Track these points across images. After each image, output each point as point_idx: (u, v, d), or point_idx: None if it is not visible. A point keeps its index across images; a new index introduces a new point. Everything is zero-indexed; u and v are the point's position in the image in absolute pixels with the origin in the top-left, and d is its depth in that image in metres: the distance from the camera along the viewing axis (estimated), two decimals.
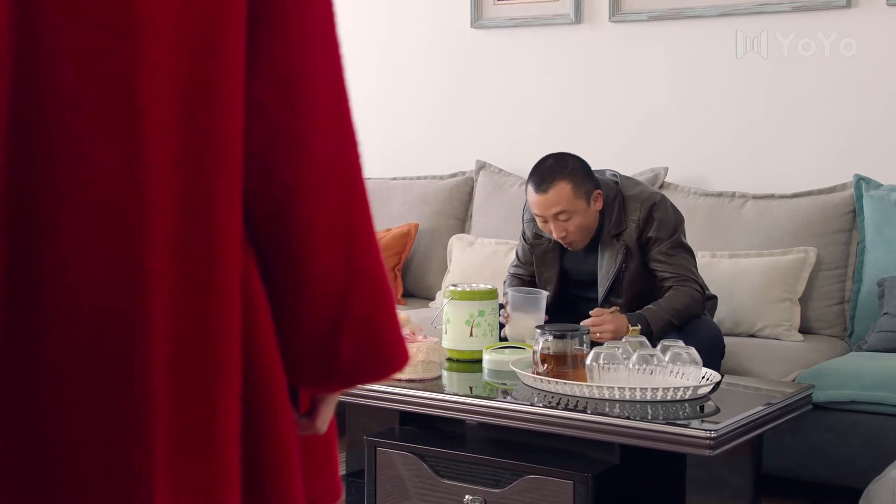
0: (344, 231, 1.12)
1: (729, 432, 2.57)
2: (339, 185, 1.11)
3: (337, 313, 1.13)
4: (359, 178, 1.14)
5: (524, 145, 4.53)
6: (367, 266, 1.14)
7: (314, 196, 1.09)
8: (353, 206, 1.13)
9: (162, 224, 1.00)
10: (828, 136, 4.04)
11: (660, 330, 3.22)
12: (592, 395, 2.76)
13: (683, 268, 3.32)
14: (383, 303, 1.16)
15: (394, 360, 1.18)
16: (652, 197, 3.37)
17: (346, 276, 1.12)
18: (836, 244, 3.85)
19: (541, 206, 3.31)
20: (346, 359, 1.14)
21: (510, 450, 2.90)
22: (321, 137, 1.09)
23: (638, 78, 4.37)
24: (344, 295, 1.12)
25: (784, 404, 2.84)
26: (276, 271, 1.11)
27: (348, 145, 1.12)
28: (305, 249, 1.10)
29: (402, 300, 4.43)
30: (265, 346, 1.10)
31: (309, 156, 1.08)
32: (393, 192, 4.68)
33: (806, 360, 3.51)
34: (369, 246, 1.15)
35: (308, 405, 1.21)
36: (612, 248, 3.35)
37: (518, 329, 3.29)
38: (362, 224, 1.14)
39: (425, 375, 3.02)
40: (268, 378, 1.10)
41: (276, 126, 1.07)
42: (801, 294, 3.80)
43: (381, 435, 3.06)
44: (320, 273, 1.11)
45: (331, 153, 1.10)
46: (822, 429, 3.24)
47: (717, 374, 2.88)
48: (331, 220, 1.11)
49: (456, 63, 4.76)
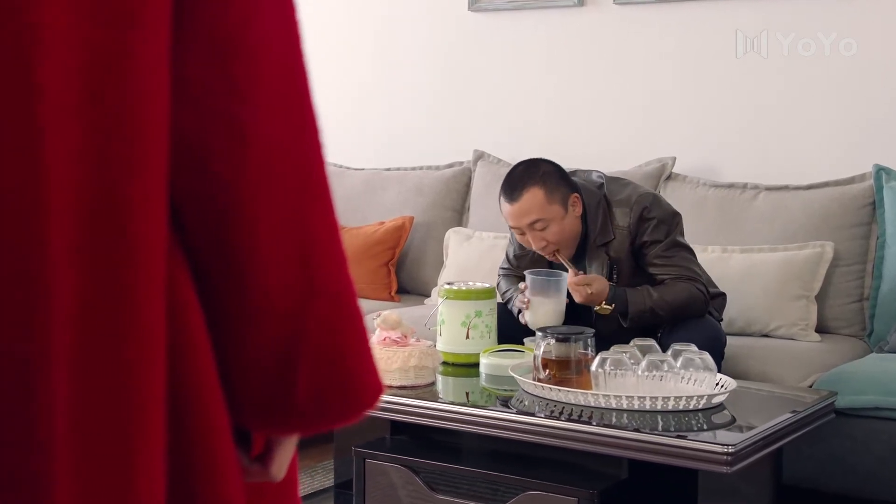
0: (298, 237, 0.91)
1: (748, 446, 2.38)
2: (293, 180, 0.90)
3: (290, 339, 0.91)
4: (318, 173, 0.92)
5: (524, 134, 4.41)
6: (329, 280, 0.93)
7: (260, 193, 0.88)
8: (311, 206, 0.92)
9: (62, 229, 0.79)
10: (846, 123, 3.87)
11: (637, 314, 3.04)
12: (598, 403, 2.58)
13: (683, 267, 3.13)
14: (349, 325, 0.95)
15: (362, 397, 0.96)
16: (641, 199, 3.14)
17: (301, 293, 0.91)
18: (855, 238, 3.68)
19: (514, 217, 3.10)
20: (302, 396, 0.93)
21: (509, 463, 2.72)
22: (269, 122, 0.88)
23: (644, 63, 4.22)
24: (299, 316, 0.91)
25: (806, 413, 2.63)
26: (214, 287, 0.90)
27: (304, 132, 0.91)
28: (250, 259, 0.89)
29: (396, 297, 4.29)
30: (199, 378, 0.89)
31: (254, 144, 0.87)
32: (387, 183, 4.55)
33: (824, 362, 3.33)
34: (331, 255, 0.94)
35: (262, 447, 0.99)
36: (599, 259, 3.15)
37: (539, 315, 3.08)
38: (322, 228, 0.93)
39: (418, 382, 2.85)
40: (202, 419, 0.89)
41: (211, 108, 0.86)
42: (817, 291, 3.63)
43: (370, 445, 2.88)
44: (269, 289, 0.90)
45: (282, 141, 0.89)
46: (842, 436, 3.06)
47: (733, 381, 2.68)
48: (282, 224, 0.90)
49: (453, 48, 4.63)
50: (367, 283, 4.23)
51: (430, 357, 2.88)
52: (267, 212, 0.89)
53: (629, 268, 3.15)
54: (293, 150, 0.90)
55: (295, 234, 0.91)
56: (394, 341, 2.88)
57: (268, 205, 0.89)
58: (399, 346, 2.86)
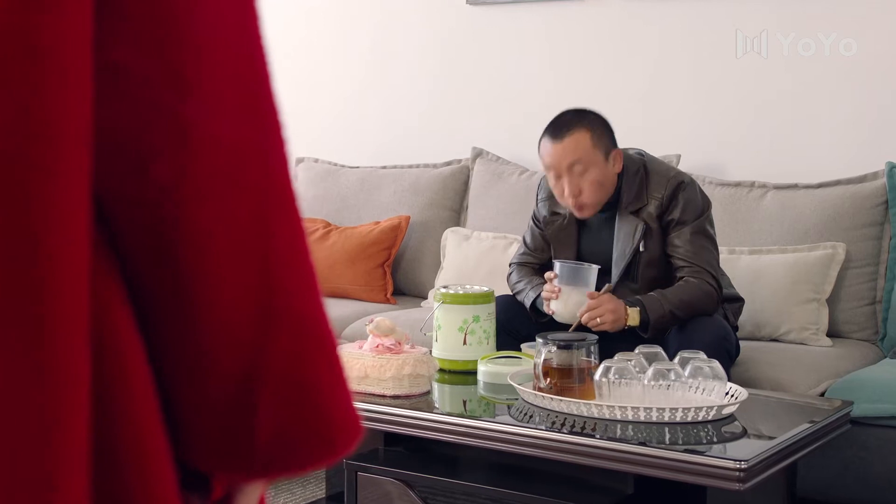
0: (257, 252, 0.77)
1: (761, 461, 2.25)
2: (249, 185, 0.77)
3: (248, 372, 0.78)
4: (279, 177, 0.79)
5: (524, 131, 4.28)
6: (294, 302, 0.80)
7: (210, 201, 0.75)
8: (271, 215, 0.78)
9: None
10: (857, 119, 3.75)
11: (658, 321, 2.94)
12: (602, 414, 2.47)
13: (702, 258, 3.03)
14: (319, 355, 0.81)
15: (335, 438, 0.83)
16: (680, 176, 3.12)
17: (261, 318, 0.78)
18: (867, 239, 3.56)
19: (555, 156, 3.05)
20: (263, 438, 0.79)
21: (509, 477, 2.61)
22: (218, 119, 0.74)
23: (647, 57, 4.12)
24: (258, 345, 0.78)
25: (822, 425, 2.51)
26: (156, 313, 0.77)
27: (262, 131, 0.78)
28: (199, 279, 0.76)
29: (391, 299, 4.19)
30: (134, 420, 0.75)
31: (200, 144, 0.74)
32: (383, 181, 4.45)
33: (836, 368, 3.21)
34: (297, 273, 0.80)
35: (222, 491, 0.86)
36: (630, 224, 3.08)
37: (570, 305, 2.98)
38: (286, 241, 0.79)
39: (412, 391, 2.73)
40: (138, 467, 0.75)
41: (147, 102, 0.72)
42: (828, 294, 3.52)
43: (363, 458, 2.76)
44: (222, 314, 0.77)
45: (235, 141, 0.75)
46: (856, 446, 2.95)
47: (744, 391, 2.55)
48: (237, 237, 0.76)
49: (451, 42, 4.53)
50: (362, 285, 4.15)
51: (426, 365, 2.76)
52: (218, 223, 0.75)
53: (657, 239, 3.07)
54: (249, 152, 0.76)
55: (253, 249, 0.77)
56: (387, 348, 2.75)
57: (219, 214, 0.75)
58: (393, 354, 2.73)
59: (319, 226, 4.30)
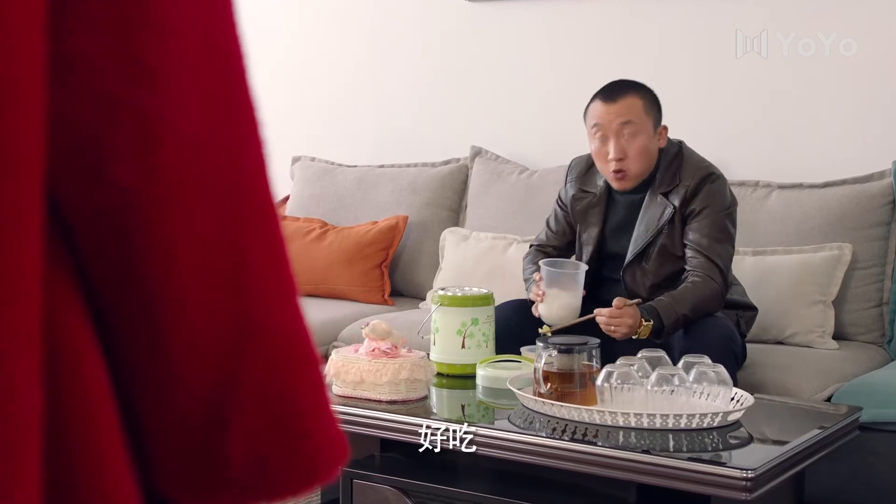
0: (230, 261, 0.71)
1: (768, 470, 2.18)
2: (221, 188, 0.70)
3: (220, 392, 0.71)
4: (256, 180, 0.72)
5: (524, 129, 4.26)
6: (272, 315, 0.73)
7: (178, 206, 0.68)
8: (246, 221, 0.71)
9: None
10: (863, 116, 3.70)
11: (672, 325, 2.89)
12: (604, 421, 2.40)
13: (714, 251, 2.98)
14: (299, 373, 0.74)
15: (316, 463, 0.76)
16: (711, 168, 3.11)
17: (235, 335, 0.71)
18: (874, 239, 3.50)
19: (608, 114, 3.06)
20: (236, 463, 0.72)
21: (508, 485, 2.54)
22: (187, 115, 0.67)
23: (648, 54, 4.06)
24: (231, 363, 0.71)
25: (830, 431, 2.44)
26: (121, 329, 0.70)
27: (238, 127, 0.70)
28: (165, 292, 0.69)
29: (389, 300, 4.14)
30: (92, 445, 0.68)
31: (167, 143, 0.67)
32: (380, 180, 4.40)
33: (843, 371, 3.15)
34: (275, 284, 0.73)
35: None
36: (658, 206, 3.06)
37: (554, 309, 2.94)
38: (262, 249, 0.72)
39: (409, 396, 2.67)
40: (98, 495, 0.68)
41: (108, 96, 0.65)
42: (834, 296, 3.46)
43: (358, 465, 2.70)
44: (191, 329, 0.70)
45: (206, 138, 0.68)
46: (865, 452, 2.89)
47: (750, 396, 2.49)
48: (208, 245, 0.69)
49: (450, 38, 4.48)
50: (360, 286, 4.10)
51: (423, 369, 2.69)
52: (187, 230, 0.68)
53: (679, 227, 3.04)
54: (221, 151, 0.69)
55: (226, 259, 0.70)
56: (383, 352, 2.68)
57: (188, 221, 0.68)
58: (389, 358, 2.67)
59: (316, 226, 4.24)
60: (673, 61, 4.01)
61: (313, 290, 4.14)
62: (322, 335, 3.73)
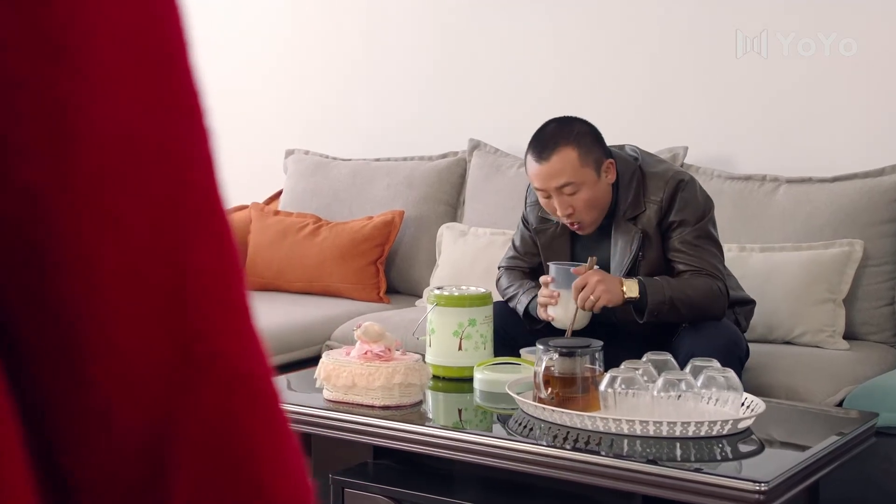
0: (170, 281, 0.59)
1: (783, 481, 2.07)
2: (157, 191, 0.58)
3: (159, 438, 0.60)
4: (202, 182, 0.60)
5: (523, 122, 4.13)
6: (223, 345, 0.61)
7: (100, 213, 0.56)
8: (191, 232, 0.59)
9: None
10: (874, 108, 3.62)
11: (657, 306, 2.75)
12: (607, 428, 2.30)
13: (706, 262, 2.84)
14: (256, 412, 0.63)
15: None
16: (678, 175, 2.92)
17: (176, 368, 0.59)
18: (886, 235, 3.40)
19: (542, 178, 2.85)
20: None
21: (506, 494, 2.45)
22: (110, 99, 0.55)
23: (652, 45, 4.00)
24: (173, 403, 0.59)
25: (846, 439, 2.34)
26: (34, 366, 0.58)
27: (176, 118, 0.59)
28: (87, 318, 0.57)
29: (385, 298, 4.07)
30: None
31: (87, 136, 0.55)
32: (376, 174, 4.33)
33: (854, 373, 3.06)
34: (227, 307, 0.61)
35: None
36: (628, 233, 2.89)
37: (569, 310, 2.79)
38: (212, 267, 0.60)
39: (403, 401, 2.57)
40: None
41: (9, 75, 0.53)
42: (845, 294, 3.37)
43: (350, 473, 2.60)
44: (122, 363, 0.58)
45: (135, 130, 0.57)
46: (879, 458, 2.79)
47: (761, 402, 2.38)
48: (140, 262, 0.58)
49: (447, 29, 4.41)
50: (354, 283, 4.03)
51: (418, 373, 2.58)
52: (111, 243, 0.56)
53: (657, 246, 2.89)
54: (154, 147, 0.57)
55: (162, 272, 0.58)
56: (376, 355, 2.57)
57: (112, 232, 0.56)
58: (382, 361, 2.56)
59: (309, 221, 4.17)
60: (673, 61, 3.97)
61: (306, 287, 4.06)
62: (315, 334, 3.65)
